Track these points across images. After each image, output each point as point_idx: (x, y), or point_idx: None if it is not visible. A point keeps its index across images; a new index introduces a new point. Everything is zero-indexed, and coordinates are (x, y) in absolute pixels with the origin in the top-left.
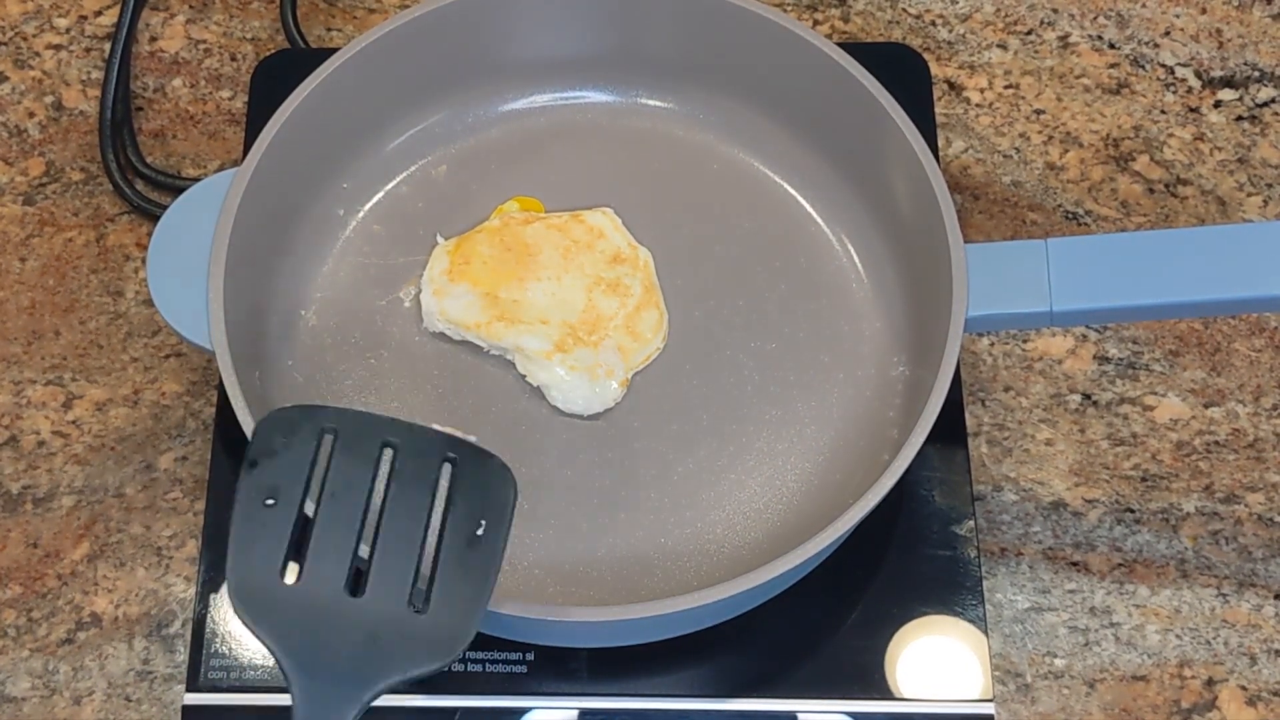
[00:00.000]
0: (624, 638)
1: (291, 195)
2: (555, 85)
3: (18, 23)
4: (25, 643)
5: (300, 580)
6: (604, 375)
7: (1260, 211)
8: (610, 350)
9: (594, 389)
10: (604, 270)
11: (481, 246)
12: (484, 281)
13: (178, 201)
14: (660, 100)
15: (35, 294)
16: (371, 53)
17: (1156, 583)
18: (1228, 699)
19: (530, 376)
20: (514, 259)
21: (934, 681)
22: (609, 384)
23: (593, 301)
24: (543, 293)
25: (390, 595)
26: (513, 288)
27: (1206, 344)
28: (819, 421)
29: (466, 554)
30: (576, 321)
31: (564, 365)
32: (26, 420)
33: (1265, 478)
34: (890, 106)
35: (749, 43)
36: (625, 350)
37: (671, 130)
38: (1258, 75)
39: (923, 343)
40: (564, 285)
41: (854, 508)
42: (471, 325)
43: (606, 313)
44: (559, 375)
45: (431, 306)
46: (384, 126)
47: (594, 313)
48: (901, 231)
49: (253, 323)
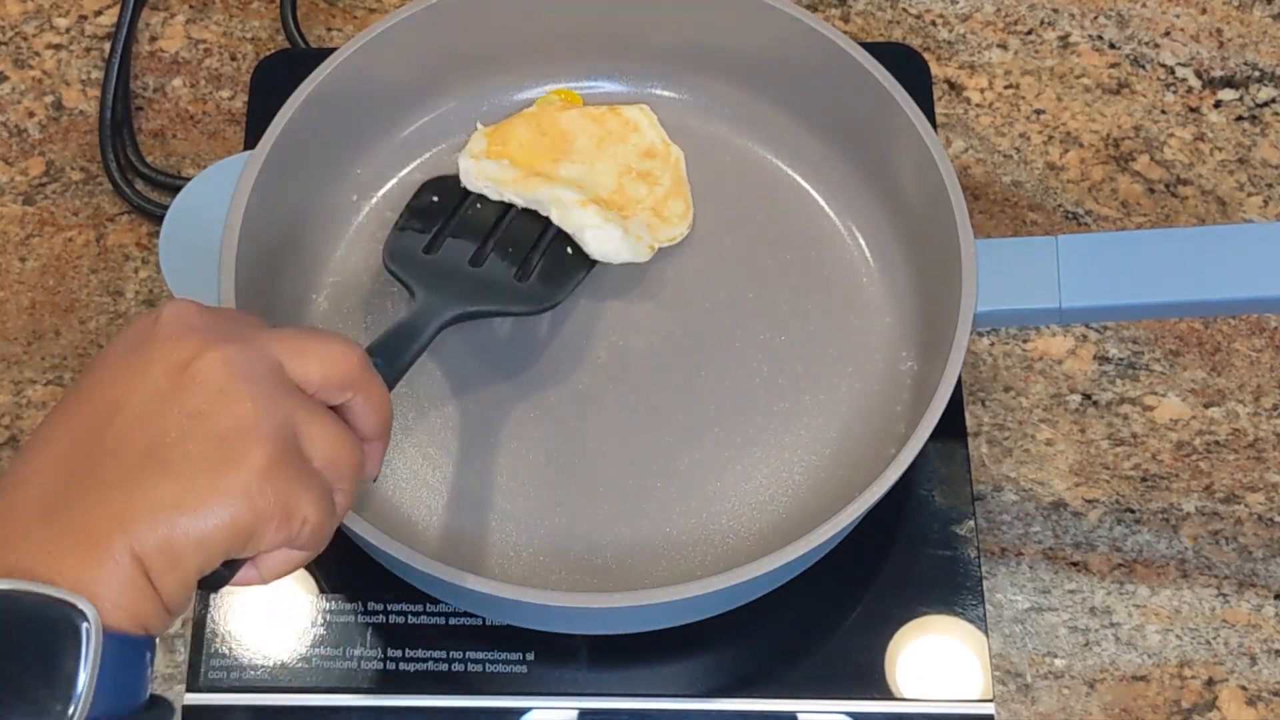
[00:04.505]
0: (627, 625)
1: (304, 180)
2: (568, 76)
3: (18, 23)
4: None
5: (436, 253)
6: (635, 237)
7: (1260, 211)
8: (639, 224)
9: (626, 239)
10: (635, 161)
11: (519, 130)
12: (520, 161)
13: (193, 182)
14: (673, 91)
15: (35, 294)
16: (386, 39)
17: (1156, 583)
18: (1228, 699)
19: (565, 223)
20: (549, 143)
21: (934, 681)
22: (640, 244)
23: (623, 186)
24: (576, 172)
25: (500, 271)
26: (547, 166)
27: (1207, 344)
28: (826, 414)
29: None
30: (607, 198)
31: (598, 214)
32: (26, 420)
33: (1265, 478)
34: (903, 100)
35: (762, 35)
36: (653, 227)
37: (684, 121)
38: (1258, 75)
39: (932, 338)
40: (596, 169)
41: (860, 499)
42: (509, 182)
43: (635, 196)
44: (594, 219)
45: (470, 167)
46: (398, 114)
47: (624, 195)
48: (912, 225)
49: (264, 305)
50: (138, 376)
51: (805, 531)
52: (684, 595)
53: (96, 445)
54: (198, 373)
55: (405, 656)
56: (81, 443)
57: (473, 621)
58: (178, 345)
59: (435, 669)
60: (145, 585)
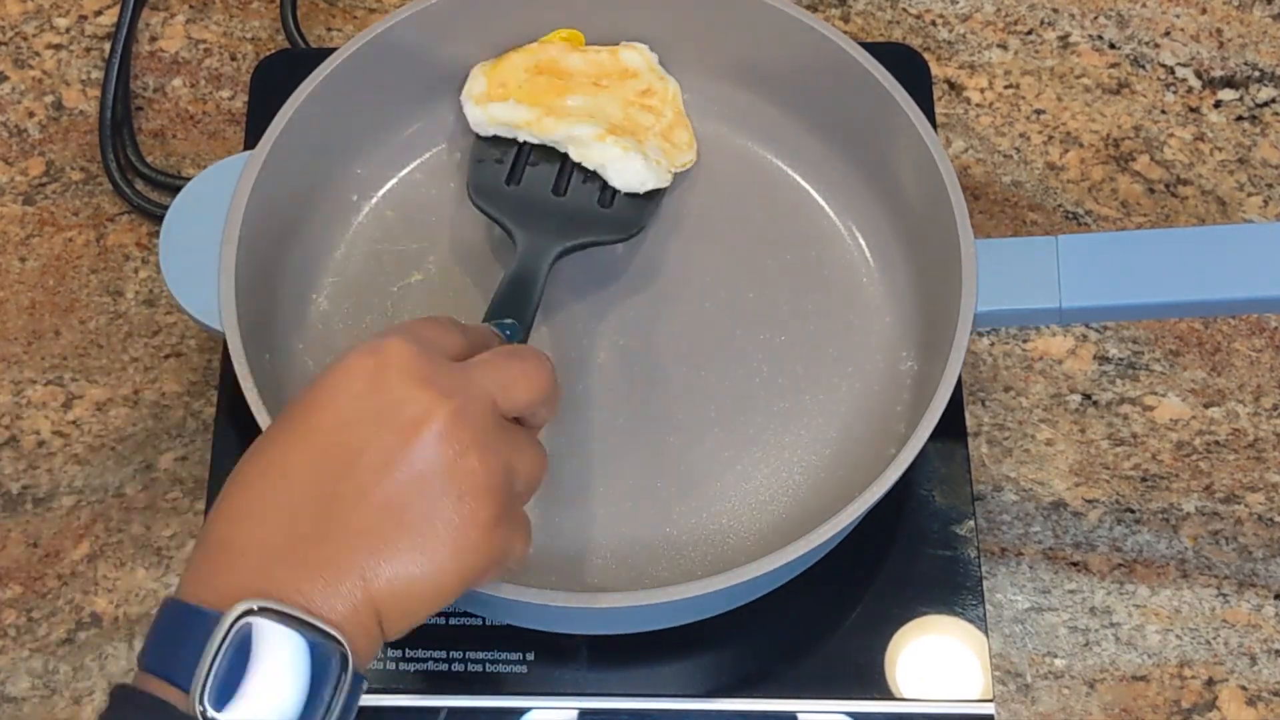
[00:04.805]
0: (627, 625)
1: (305, 179)
2: None
3: (18, 23)
4: (25, 643)
5: (519, 185)
6: (654, 161)
7: (1260, 212)
8: (654, 149)
9: (648, 166)
10: (635, 98)
11: (518, 70)
12: (525, 99)
13: (193, 182)
14: None
15: (35, 294)
16: (386, 39)
17: (1156, 583)
18: (1228, 699)
19: (586, 160)
20: (547, 83)
21: (934, 681)
22: (660, 168)
23: (630, 115)
24: (581, 103)
25: (585, 196)
26: (553, 101)
27: (1207, 344)
28: (827, 414)
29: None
30: (618, 124)
31: (618, 145)
32: (26, 420)
33: (1265, 478)
34: (903, 100)
35: (761, 35)
36: (667, 152)
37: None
38: (1258, 75)
39: (932, 338)
40: (600, 99)
41: (860, 499)
42: (522, 124)
43: (644, 123)
44: (615, 152)
45: (478, 115)
46: (399, 113)
47: (633, 122)
48: (912, 225)
49: (264, 305)
50: (371, 428)
51: (805, 531)
52: (684, 595)
53: (335, 492)
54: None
55: (405, 656)
56: (321, 485)
57: (473, 621)
58: (410, 404)
59: (435, 669)
60: (375, 629)
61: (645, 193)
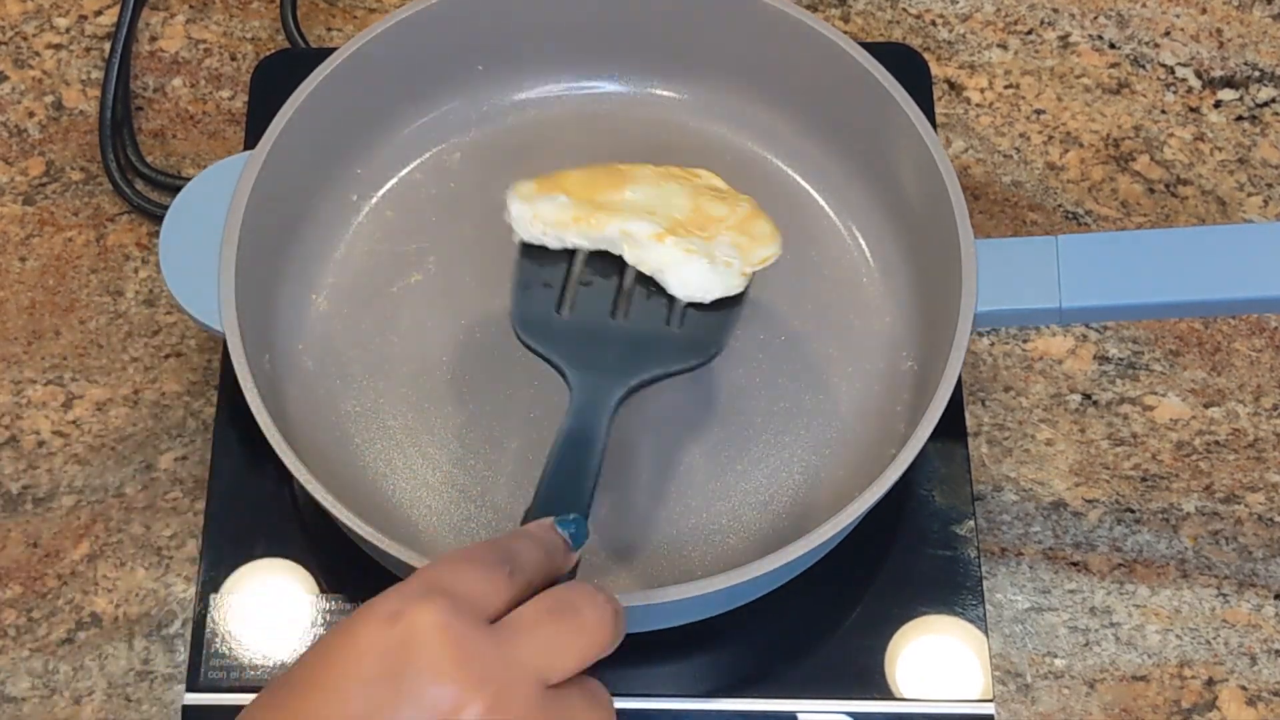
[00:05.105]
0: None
1: (304, 179)
2: (568, 75)
3: (18, 23)
4: (25, 643)
5: (571, 314)
6: (723, 264)
7: (1260, 211)
8: (726, 245)
9: (714, 270)
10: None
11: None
12: (577, 192)
13: (193, 182)
14: (672, 91)
15: (35, 294)
16: (386, 39)
17: (1156, 583)
18: (1228, 699)
19: (641, 263)
20: (606, 177)
21: (934, 681)
22: (729, 271)
23: (700, 205)
24: (643, 195)
25: (649, 317)
26: (608, 194)
27: (1206, 344)
28: (826, 415)
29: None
30: (684, 219)
31: (679, 246)
32: (26, 420)
33: (1265, 478)
34: (903, 100)
35: (761, 35)
36: (742, 248)
37: (683, 121)
38: (1258, 75)
39: (932, 338)
40: (665, 191)
41: (860, 499)
42: (570, 222)
43: (716, 215)
44: (676, 255)
45: (523, 212)
46: (398, 113)
47: (703, 214)
48: (912, 225)
49: (264, 305)
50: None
51: (805, 531)
52: (684, 595)
53: None
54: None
55: None
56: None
57: None
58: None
59: None
60: None
61: (719, 302)
